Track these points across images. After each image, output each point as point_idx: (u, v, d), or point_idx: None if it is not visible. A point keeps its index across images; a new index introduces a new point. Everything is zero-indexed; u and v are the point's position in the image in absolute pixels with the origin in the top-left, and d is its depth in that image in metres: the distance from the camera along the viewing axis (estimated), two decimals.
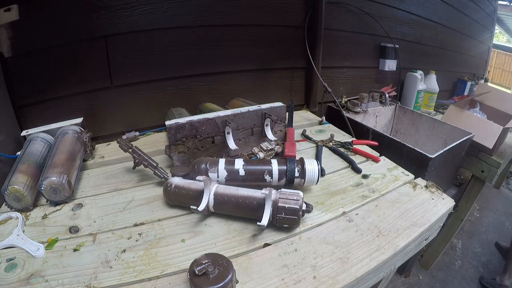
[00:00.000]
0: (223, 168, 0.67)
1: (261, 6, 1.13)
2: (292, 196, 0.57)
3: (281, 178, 0.67)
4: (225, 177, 0.67)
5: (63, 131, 0.78)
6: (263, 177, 0.67)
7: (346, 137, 1.03)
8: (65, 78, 0.93)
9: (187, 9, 1.01)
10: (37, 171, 0.68)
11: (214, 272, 0.43)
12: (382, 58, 1.53)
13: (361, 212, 0.65)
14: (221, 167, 0.67)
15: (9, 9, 0.80)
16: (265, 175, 0.67)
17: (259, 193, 0.58)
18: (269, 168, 0.67)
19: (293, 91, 1.34)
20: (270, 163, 0.68)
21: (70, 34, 0.89)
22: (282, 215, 0.56)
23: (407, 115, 1.51)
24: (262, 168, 0.67)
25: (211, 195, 0.60)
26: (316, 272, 0.50)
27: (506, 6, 2.85)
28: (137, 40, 0.98)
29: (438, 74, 1.65)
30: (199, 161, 0.69)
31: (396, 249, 0.55)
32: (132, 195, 0.70)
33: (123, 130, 1.00)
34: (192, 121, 0.77)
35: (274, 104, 0.88)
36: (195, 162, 0.69)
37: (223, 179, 0.67)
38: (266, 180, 0.67)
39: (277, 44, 1.22)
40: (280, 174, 0.67)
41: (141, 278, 0.49)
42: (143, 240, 0.57)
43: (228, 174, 0.67)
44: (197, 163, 0.68)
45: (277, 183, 0.67)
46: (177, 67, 1.06)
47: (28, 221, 0.62)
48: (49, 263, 0.51)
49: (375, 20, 1.40)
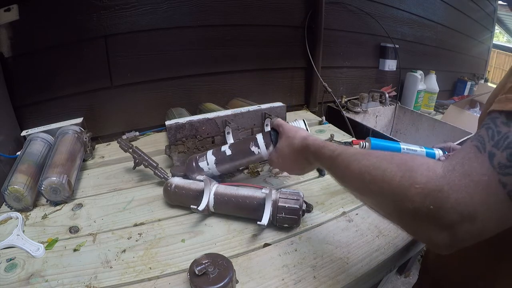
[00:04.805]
0: (211, 154, 0.67)
1: (261, 6, 1.13)
2: (292, 196, 0.57)
3: (268, 145, 0.63)
4: (214, 162, 0.66)
5: (63, 131, 0.79)
6: (249, 149, 0.64)
7: (346, 137, 1.03)
8: (65, 78, 0.93)
9: (187, 9, 1.01)
10: (37, 171, 0.68)
11: (214, 272, 0.43)
12: (382, 58, 1.52)
13: (361, 212, 0.65)
14: (209, 154, 0.68)
15: (9, 9, 0.80)
16: (251, 146, 0.64)
17: (259, 193, 0.58)
18: (253, 139, 0.65)
19: (293, 91, 1.34)
20: (254, 136, 0.66)
21: (70, 34, 0.89)
22: (282, 214, 0.56)
23: (407, 115, 1.51)
24: (247, 141, 0.66)
25: (211, 195, 0.60)
26: (316, 272, 0.50)
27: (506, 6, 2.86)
28: (137, 40, 0.98)
29: (438, 74, 1.65)
30: (190, 157, 0.70)
31: (396, 249, 0.55)
32: (132, 195, 0.70)
33: (123, 130, 1.00)
34: (192, 121, 0.77)
35: (274, 104, 0.88)
36: (187, 160, 0.70)
37: (213, 165, 0.67)
38: (254, 153, 0.64)
39: (277, 44, 1.22)
40: (265, 140, 0.63)
41: (141, 278, 0.49)
42: (143, 240, 0.57)
43: (216, 158, 0.66)
44: (188, 159, 0.69)
45: (266, 152, 0.63)
46: (177, 67, 1.06)
47: (28, 221, 0.62)
48: (49, 263, 0.51)
49: (375, 20, 1.40)
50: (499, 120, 0.29)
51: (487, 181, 0.26)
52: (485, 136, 0.29)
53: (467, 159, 0.28)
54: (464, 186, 0.27)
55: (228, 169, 0.69)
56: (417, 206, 0.28)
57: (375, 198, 0.36)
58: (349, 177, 0.39)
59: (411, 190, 0.29)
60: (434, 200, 0.27)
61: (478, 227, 0.27)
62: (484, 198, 0.26)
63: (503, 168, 0.26)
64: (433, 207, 0.27)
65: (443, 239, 0.28)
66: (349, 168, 0.39)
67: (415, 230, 0.32)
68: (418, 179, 0.29)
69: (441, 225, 0.28)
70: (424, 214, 0.28)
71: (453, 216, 0.27)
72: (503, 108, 0.29)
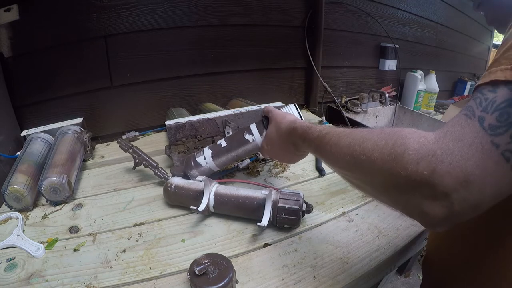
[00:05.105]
0: (207, 148, 0.68)
1: (261, 6, 1.13)
2: (292, 196, 0.57)
3: (261, 132, 0.64)
4: (211, 155, 0.67)
5: (63, 131, 0.79)
6: (244, 138, 0.65)
7: None
8: (65, 78, 0.93)
9: (187, 9, 1.01)
10: (37, 171, 0.68)
11: (214, 272, 0.43)
12: (382, 58, 1.52)
13: (361, 212, 0.65)
14: (205, 149, 0.68)
15: (9, 9, 0.80)
16: (245, 135, 0.64)
17: (259, 194, 0.58)
18: (247, 128, 0.66)
19: (293, 91, 1.34)
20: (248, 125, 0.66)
21: (70, 34, 0.89)
22: (282, 215, 0.56)
23: (407, 115, 1.51)
24: (241, 131, 0.66)
25: (211, 196, 0.60)
26: (316, 272, 0.50)
27: None
28: (137, 40, 0.98)
29: (438, 74, 1.65)
30: (188, 156, 0.71)
31: (396, 249, 0.55)
32: (132, 195, 0.70)
33: (123, 130, 1.00)
34: (192, 121, 0.77)
35: (274, 104, 0.88)
36: (186, 158, 0.70)
37: (209, 159, 0.67)
38: (249, 141, 0.64)
39: (277, 44, 1.22)
40: (258, 128, 0.64)
41: (141, 278, 0.49)
42: (143, 240, 0.57)
43: (213, 151, 0.67)
44: (187, 157, 0.70)
45: (261, 137, 0.64)
46: (177, 67, 1.06)
47: (28, 221, 0.62)
48: (49, 263, 0.51)
49: (375, 20, 1.40)
50: (486, 89, 0.29)
51: (480, 143, 0.26)
52: (474, 105, 0.28)
53: (458, 126, 0.28)
54: (458, 149, 0.26)
55: (225, 162, 0.68)
56: (410, 172, 0.27)
57: (365, 172, 0.34)
58: (338, 153, 0.38)
59: (404, 157, 0.28)
60: (427, 165, 0.27)
61: (474, 194, 0.26)
62: (478, 160, 0.26)
63: (494, 129, 0.26)
64: (427, 172, 0.27)
65: (438, 210, 0.27)
66: (338, 145, 0.38)
67: (407, 203, 0.30)
68: (411, 146, 0.28)
69: (435, 193, 0.27)
70: (417, 182, 0.27)
71: (447, 181, 0.26)
72: (486, 80, 0.29)
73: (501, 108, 0.26)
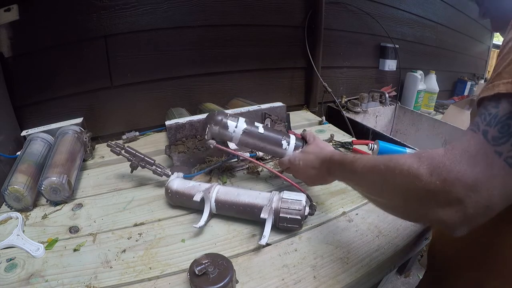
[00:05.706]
0: (243, 120, 0.65)
1: (261, 6, 1.13)
2: (294, 205, 0.56)
3: (297, 147, 0.66)
4: (243, 129, 0.64)
5: (63, 131, 0.79)
6: (280, 141, 0.66)
7: (346, 137, 1.03)
8: (65, 78, 0.93)
9: (187, 9, 1.01)
10: (37, 171, 0.68)
11: (214, 272, 0.43)
12: (382, 58, 1.52)
13: (361, 212, 0.65)
14: (241, 119, 0.65)
15: (9, 9, 0.80)
16: (282, 139, 0.66)
17: (260, 201, 0.58)
18: (287, 135, 0.67)
19: (293, 91, 1.34)
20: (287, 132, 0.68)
21: (70, 34, 0.89)
22: (284, 224, 0.56)
23: (407, 115, 1.51)
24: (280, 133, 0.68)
25: (212, 202, 0.59)
26: (316, 272, 0.50)
27: None
28: (137, 40, 0.98)
29: (438, 74, 1.65)
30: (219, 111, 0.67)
31: (396, 249, 0.55)
32: (132, 195, 0.70)
33: (123, 130, 1.00)
34: (192, 121, 0.77)
35: (274, 104, 0.88)
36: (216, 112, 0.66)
37: (240, 131, 0.64)
38: (282, 146, 0.66)
39: (277, 44, 1.22)
40: (297, 142, 0.67)
41: (141, 278, 0.49)
42: (143, 240, 0.57)
43: (247, 127, 0.65)
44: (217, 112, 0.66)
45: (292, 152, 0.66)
46: (177, 67, 1.06)
47: (28, 221, 0.62)
48: (49, 263, 0.51)
49: (375, 20, 1.39)
50: (490, 105, 0.32)
51: (484, 153, 0.29)
52: (479, 121, 0.32)
53: (465, 140, 0.31)
54: (465, 159, 0.30)
55: (248, 144, 0.67)
56: (425, 184, 0.31)
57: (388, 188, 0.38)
58: (365, 173, 0.43)
59: (420, 171, 0.32)
60: (438, 175, 0.30)
61: (484, 197, 0.29)
62: (484, 167, 0.29)
63: (497, 139, 0.29)
64: (439, 182, 0.30)
65: (455, 215, 0.30)
66: (366, 166, 0.42)
67: (426, 212, 0.33)
68: (425, 160, 0.32)
69: (449, 199, 0.30)
70: (432, 191, 0.31)
71: (458, 187, 0.29)
72: (490, 93, 0.31)
73: (502, 121, 0.30)
